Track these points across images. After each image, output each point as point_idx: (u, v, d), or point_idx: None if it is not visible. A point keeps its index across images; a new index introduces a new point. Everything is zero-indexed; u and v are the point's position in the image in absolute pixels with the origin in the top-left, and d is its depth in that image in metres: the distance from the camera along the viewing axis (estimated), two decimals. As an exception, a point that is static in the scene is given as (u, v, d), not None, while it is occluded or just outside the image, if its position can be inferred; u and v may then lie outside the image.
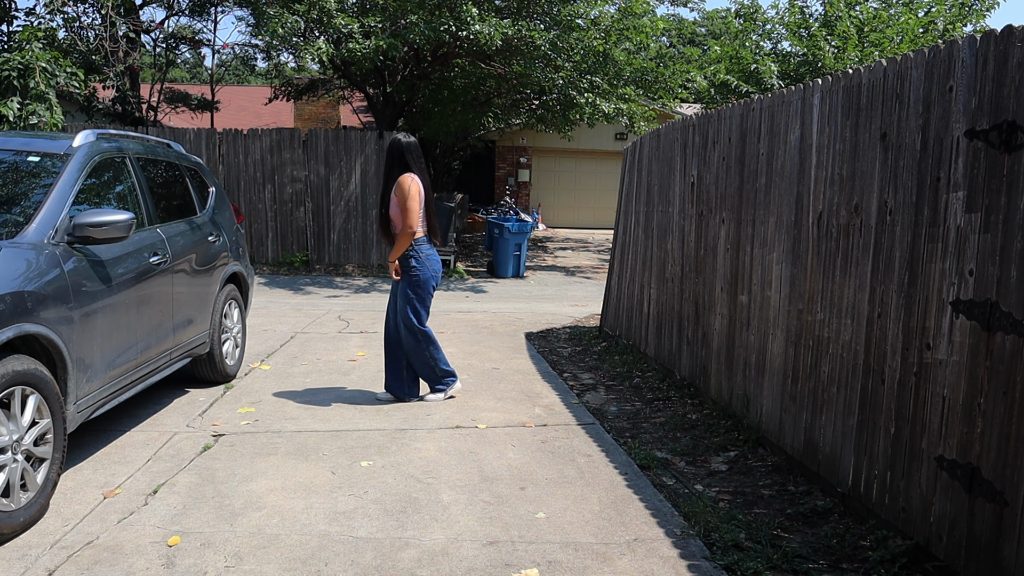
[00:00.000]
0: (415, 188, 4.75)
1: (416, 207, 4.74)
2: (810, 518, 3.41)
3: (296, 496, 3.53)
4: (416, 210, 4.74)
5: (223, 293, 5.41)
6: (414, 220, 4.73)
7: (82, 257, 3.65)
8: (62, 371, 3.41)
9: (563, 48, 11.93)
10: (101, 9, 13.83)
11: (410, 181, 4.74)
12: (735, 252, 4.65)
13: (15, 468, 3.08)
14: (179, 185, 5.20)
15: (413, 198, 4.73)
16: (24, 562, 2.87)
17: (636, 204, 6.88)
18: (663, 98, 14.12)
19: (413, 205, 4.72)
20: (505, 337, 7.58)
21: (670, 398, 5.36)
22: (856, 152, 3.40)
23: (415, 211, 4.73)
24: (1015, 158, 2.52)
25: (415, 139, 4.93)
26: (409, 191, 4.72)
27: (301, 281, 11.81)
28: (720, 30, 27.45)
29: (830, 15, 13.87)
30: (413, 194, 4.73)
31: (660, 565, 2.96)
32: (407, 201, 4.72)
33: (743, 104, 4.56)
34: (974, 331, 2.68)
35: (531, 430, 4.59)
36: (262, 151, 12.79)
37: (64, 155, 3.91)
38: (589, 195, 20.61)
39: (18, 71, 8.75)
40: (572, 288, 12.10)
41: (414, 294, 4.87)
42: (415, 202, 4.73)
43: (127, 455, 4.01)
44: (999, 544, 2.54)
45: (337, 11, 11.05)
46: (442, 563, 2.94)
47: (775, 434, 4.10)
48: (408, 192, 4.72)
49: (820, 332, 3.68)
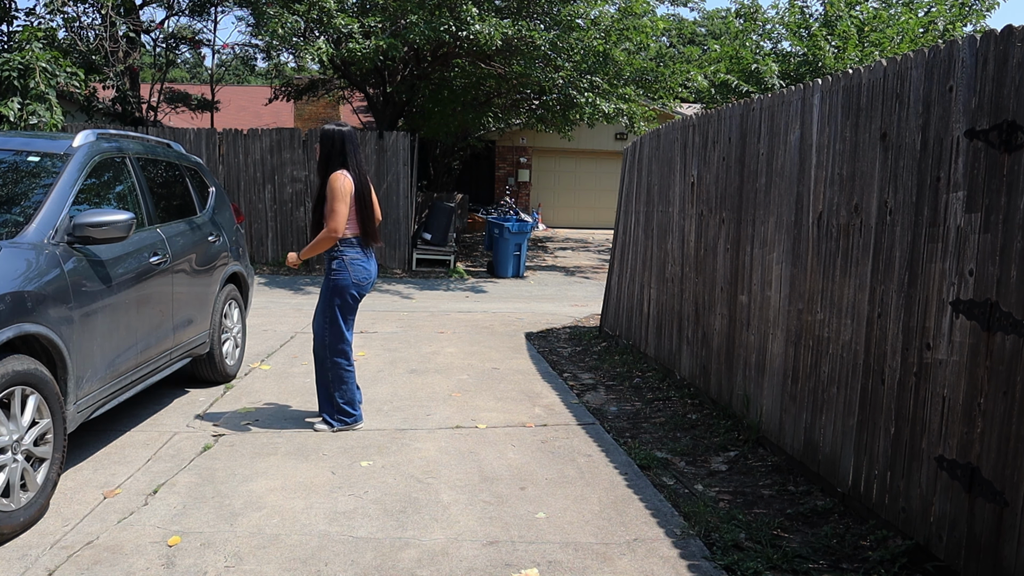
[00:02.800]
0: (346, 186, 4.31)
1: (342, 208, 4.29)
2: (810, 518, 3.41)
3: (296, 496, 3.53)
4: (342, 212, 4.29)
5: (223, 293, 5.41)
6: (337, 223, 4.28)
7: (82, 257, 3.64)
8: (62, 371, 3.41)
9: (563, 48, 11.93)
10: (101, 9, 13.82)
11: (341, 179, 4.31)
12: (735, 252, 4.65)
13: (15, 468, 3.08)
14: (179, 185, 5.20)
15: (340, 198, 4.28)
16: (24, 562, 2.87)
17: (636, 204, 6.88)
18: (663, 98, 14.12)
19: (339, 207, 4.28)
20: (505, 337, 7.58)
21: (670, 398, 5.36)
22: (856, 152, 3.40)
23: (340, 213, 4.28)
24: (1015, 158, 2.52)
25: (350, 128, 4.46)
26: (337, 191, 4.29)
27: (301, 281, 11.81)
28: (720, 30, 27.45)
29: (830, 15, 13.88)
30: (342, 194, 4.29)
31: (660, 565, 2.96)
32: (333, 202, 4.29)
33: (743, 104, 4.56)
34: (974, 331, 2.68)
35: (531, 430, 4.59)
36: (262, 151, 12.79)
37: (64, 155, 3.91)
38: (589, 195, 20.60)
39: (18, 71, 8.75)
40: (572, 288, 12.10)
41: (329, 299, 4.41)
42: (342, 204, 4.29)
43: (127, 455, 4.01)
44: (999, 544, 2.54)
45: (337, 11, 11.05)
46: (442, 563, 2.94)
47: (775, 434, 4.10)
48: (335, 191, 4.29)
49: (820, 332, 3.68)
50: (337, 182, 4.30)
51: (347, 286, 4.38)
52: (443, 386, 5.57)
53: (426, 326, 8.09)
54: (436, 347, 6.96)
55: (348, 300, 4.41)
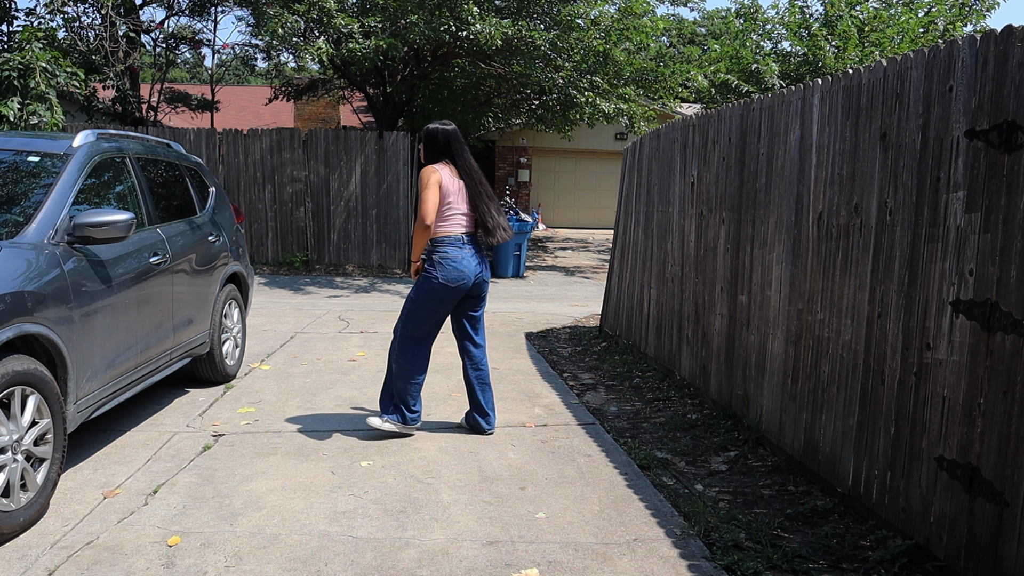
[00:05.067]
0: (435, 178, 4.19)
1: (431, 197, 4.15)
2: (810, 518, 3.41)
3: (296, 496, 3.53)
4: (431, 200, 4.14)
5: (223, 293, 5.41)
6: (425, 212, 4.13)
7: (82, 257, 3.64)
8: (62, 371, 3.41)
9: (563, 48, 11.93)
10: (101, 9, 13.83)
11: (430, 172, 4.21)
12: (735, 252, 4.65)
13: (15, 468, 3.08)
14: (179, 185, 5.20)
15: (429, 187, 4.16)
16: (24, 562, 2.87)
17: (636, 204, 6.88)
18: (663, 98, 14.12)
19: (427, 195, 4.15)
20: (505, 337, 7.58)
21: (670, 398, 5.36)
22: (856, 152, 3.40)
23: (428, 202, 4.14)
24: (1015, 158, 2.52)
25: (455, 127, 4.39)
26: (426, 181, 4.19)
27: (301, 281, 11.81)
28: (720, 30, 27.44)
29: (831, 15, 13.88)
30: (431, 184, 4.17)
31: (660, 565, 2.96)
32: (421, 192, 4.18)
33: (743, 104, 4.56)
34: (974, 331, 2.68)
35: (531, 430, 4.59)
36: (262, 151, 12.79)
37: (64, 155, 3.91)
38: (589, 195, 20.60)
39: (18, 71, 8.75)
40: (572, 288, 12.10)
41: (412, 297, 4.29)
42: (430, 192, 4.16)
43: (127, 455, 4.01)
44: (999, 544, 2.54)
45: (337, 11, 11.05)
46: (442, 563, 2.94)
47: (775, 434, 4.10)
48: (424, 182, 4.18)
49: (820, 332, 3.68)
50: (427, 174, 4.20)
51: (435, 287, 4.17)
52: (443, 386, 5.57)
53: (426, 326, 8.09)
54: (436, 347, 6.95)
55: (431, 301, 4.21)
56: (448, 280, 4.16)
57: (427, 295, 4.21)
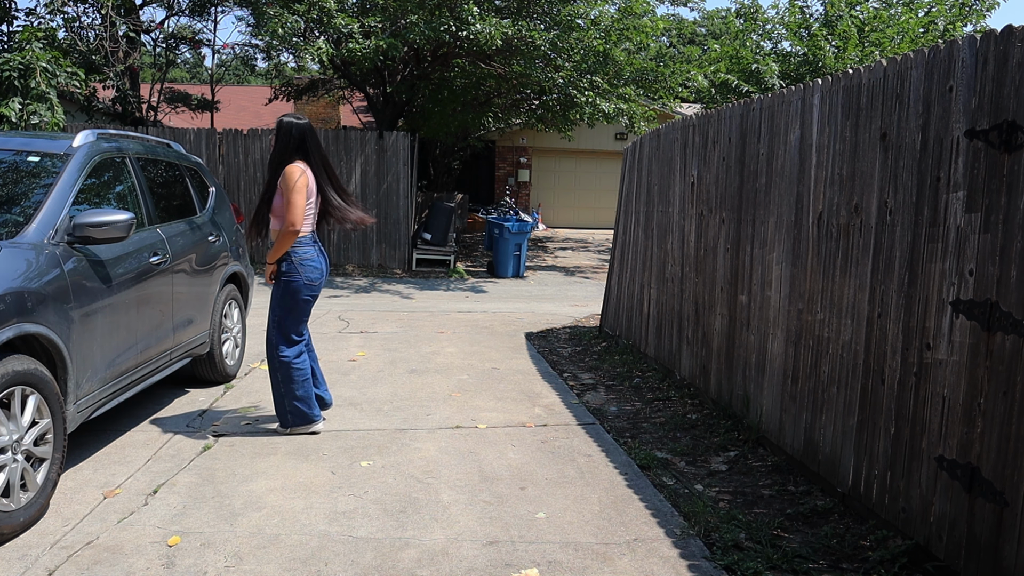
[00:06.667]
0: (303, 180, 4.14)
1: (301, 201, 4.12)
2: (810, 518, 3.41)
3: (296, 496, 3.53)
4: (301, 205, 4.12)
5: (223, 293, 5.41)
6: (296, 218, 4.11)
7: (82, 257, 3.64)
8: (62, 371, 3.41)
9: (563, 48, 11.93)
10: (101, 9, 13.83)
11: (299, 172, 4.15)
12: (735, 252, 4.65)
13: (15, 468, 3.08)
14: (179, 185, 5.20)
15: (298, 191, 4.11)
16: (24, 562, 2.87)
17: (636, 204, 6.88)
18: (663, 98, 14.12)
19: (297, 199, 4.11)
20: (505, 337, 7.58)
21: (670, 398, 5.36)
22: (856, 152, 3.40)
23: (299, 206, 4.12)
24: (1015, 158, 2.52)
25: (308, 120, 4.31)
26: (296, 182, 4.12)
27: (301, 281, 11.80)
28: (720, 30, 27.44)
29: (831, 15, 13.89)
30: (299, 186, 4.12)
31: (660, 565, 2.96)
32: (291, 193, 4.10)
33: (743, 104, 4.56)
34: (974, 331, 2.68)
35: (531, 430, 4.59)
36: (262, 151, 12.79)
37: (64, 155, 3.91)
38: (589, 195, 20.60)
39: (19, 71, 8.75)
40: (572, 288, 12.10)
41: (279, 303, 4.30)
42: (300, 196, 4.12)
43: (127, 455, 4.01)
44: (999, 544, 2.54)
45: (337, 11, 11.05)
46: (442, 563, 2.94)
47: (775, 434, 4.10)
48: (293, 183, 4.11)
49: (820, 332, 3.68)
50: (295, 173, 4.15)
51: (300, 287, 4.27)
52: (443, 386, 5.57)
53: (426, 326, 8.09)
54: (436, 347, 6.96)
55: (299, 301, 4.30)
56: (311, 280, 4.30)
57: (293, 297, 4.30)
